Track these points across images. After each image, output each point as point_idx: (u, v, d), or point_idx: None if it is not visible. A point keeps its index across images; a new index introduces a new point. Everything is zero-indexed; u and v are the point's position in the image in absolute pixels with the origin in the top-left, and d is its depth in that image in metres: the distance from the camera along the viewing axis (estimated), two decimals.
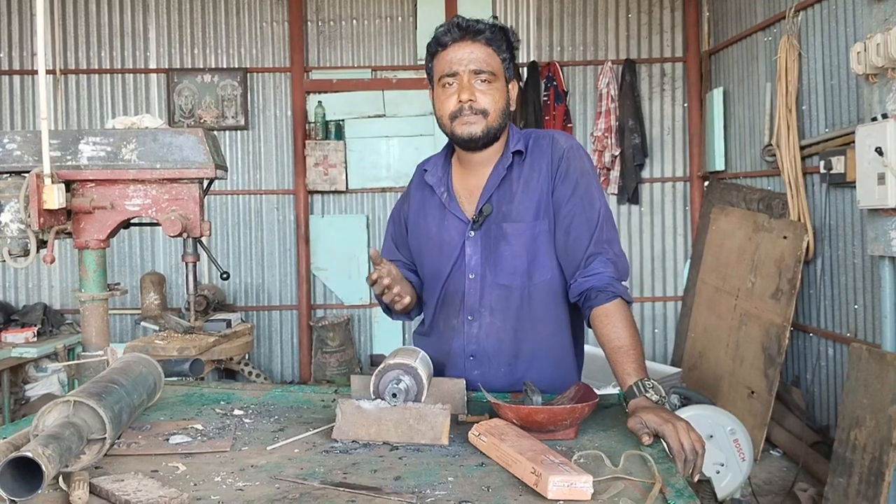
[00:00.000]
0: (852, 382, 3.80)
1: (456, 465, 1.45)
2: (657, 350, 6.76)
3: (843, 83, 4.42)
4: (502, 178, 1.97)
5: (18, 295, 6.61)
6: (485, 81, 1.90)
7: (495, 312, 1.97)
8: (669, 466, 1.44)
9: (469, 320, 1.99)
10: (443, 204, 2.03)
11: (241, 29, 6.70)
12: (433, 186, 2.06)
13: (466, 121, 1.90)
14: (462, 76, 1.89)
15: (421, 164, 2.17)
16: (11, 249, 2.24)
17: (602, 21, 6.73)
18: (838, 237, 4.56)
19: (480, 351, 1.99)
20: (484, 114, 1.90)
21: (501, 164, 1.98)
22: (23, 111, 6.59)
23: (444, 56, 1.92)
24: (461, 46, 1.90)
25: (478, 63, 1.89)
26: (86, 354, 2.36)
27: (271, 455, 1.52)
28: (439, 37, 1.93)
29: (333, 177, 6.57)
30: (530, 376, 1.91)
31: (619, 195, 6.66)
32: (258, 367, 6.35)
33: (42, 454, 1.15)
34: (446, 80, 1.91)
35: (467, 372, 1.98)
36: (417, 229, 2.10)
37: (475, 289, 1.98)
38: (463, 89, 1.89)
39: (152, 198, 2.35)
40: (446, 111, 1.92)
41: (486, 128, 1.91)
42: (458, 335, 2.00)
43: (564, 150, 1.97)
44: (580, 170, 1.96)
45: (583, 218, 1.92)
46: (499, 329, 1.97)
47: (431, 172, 2.08)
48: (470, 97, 1.88)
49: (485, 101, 1.90)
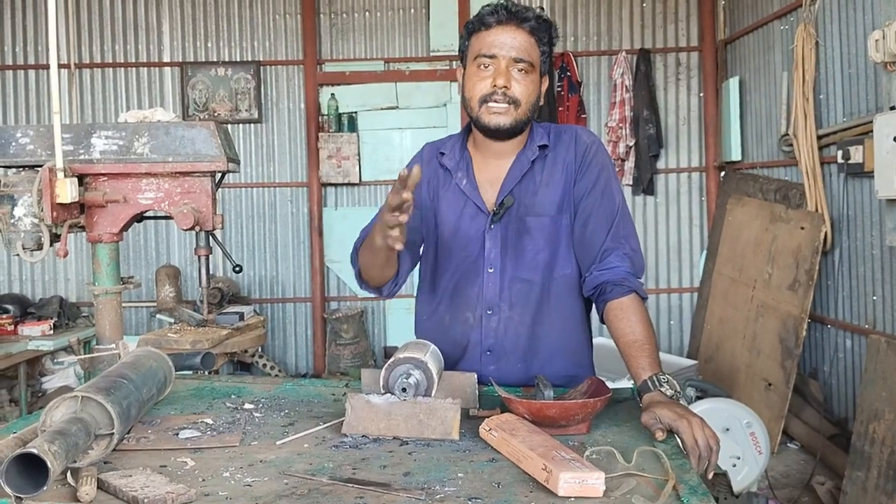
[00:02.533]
0: (870, 374, 3.76)
1: (466, 461, 1.44)
2: (673, 342, 6.72)
3: (861, 71, 4.36)
4: (525, 171, 1.93)
5: (35, 288, 6.66)
6: (522, 71, 1.85)
7: (515, 307, 1.94)
8: (683, 463, 1.42)
9: (488, 314, 1.95)
10: (462, 191, 1.97)
11: (254, 22, 6.69)
12: (451, 170, 2.00)
13: (495, 109, 1.85)
14: (500, 60, 1.84)
15: (433, 145, 2.11)
16: (25, 243, 2.25)
17: (616, 11, 6.67)
18: (856, 227, 4.50)
19: (498, 346, 1.95)
20: (515, 104, 1.85)
21: (525, 157, 1.94)
22: (38, 105, 6.63)
23: (486, 36, 1.86)
24: (505, 30, 1.85)
25: (519, 51, 1.84)
26: (99, 348, 2.36)
27: (280, 450, 1.51)
28: (484, 16, 1.87)
29: (347, 169, 6.57)
30: (547, 371, 1.88)
31: (634, 186, 6.61)
32: (273, 359, 6.37)
33: (48, 451, 1.14)
34: (483, 61, 1.86)
35: (483, 367, 1.94)
36: (427, 208, 2.01)
37: (494, 282, 1.94)
38: (499, 74, 1.83)
39: (165, 191, 2.35)
40: (477, 93, 1.87)
41: (515, 119, 1.86)
42: (475, 329, 1.96)
43: (587, 144, 1.95)
44: (601, 165, 1.94)
45: (601, 212, 1.90)
46: (517, 324, 1.95)
47: (449, 156, 2.02)
48: (505, 83, 1.83)
49: (519, 90, 1.85)
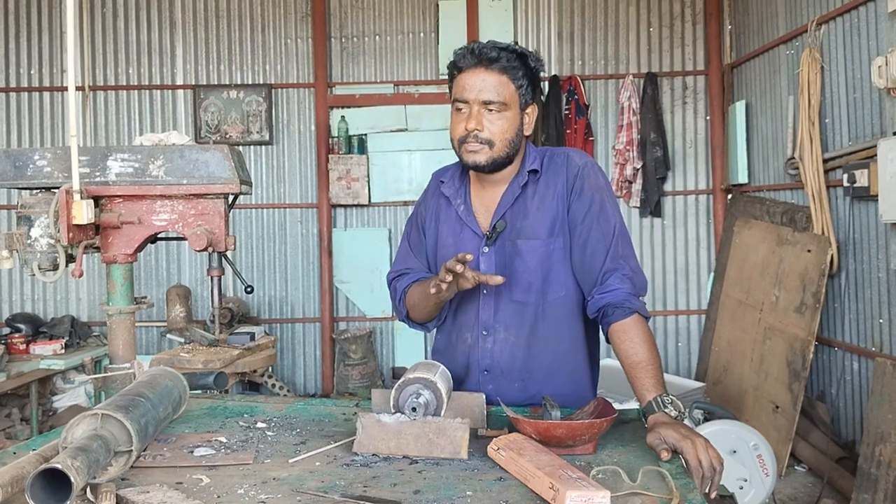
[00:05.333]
0: (877, 397, 3.76)
1: (475, 480, 1.47)
2: (681, 364, 6.72)
3: (867, 96, 4.40)
4: (517, 196, 2.00)
5: (47, 307, 6.71)
6: (493, 112, 1.91)
7: (510, 328, 2.00)
8: (687, 482, 1.45)
9: (483, 335, 2.01)
10: (459, 216, 2.05)
11: (265, 46, 6.78)
12: (450, 198, 2.09)
13: (471, 149, 1.93)
14: (472, 105, 1.91)
15: (437, 173, 2.20)
16: (41, 263, 2.29)
17: (623, 35, 6.74)
18: (862, 251, 4.52)
19: (494, 366, 2.01)
20: (489, 144, 1.91)
21: (516, 183, 2.00)
22: (52, 127, 6.72)
23: (459, 80, 1.94)
24: (474, 73, 1.91)
25: (488, 93, 1.90)
26: (113, 367, 2.40)
27: (293, 468, 1.54)
28: (456, 61, 1.95)
29: (356, 190, 6.63)
30: (545, 391, 1.93)
31: (641, 208, 6.65)
32: (281, 379, 6.39)
33: (71, 466, 1.18)
34: (458, 105, 1.94)
35: (482, 386, 2.01)
36: (433, 236, 2.13)
37: (489, 304, 2.01)
38: (470, 118, 1.91)
39: (179, 213, 2.39)
40: (456, 135, 1.96)
41: (491, 158, 1.93)
42: (473, 350, 2.03)
43: (579, 167, 1.99)
44: (595, 186, 1.98)
45: (598, 234, 1.94)
46: (513, 345, 2.00)
47: (448, 184, 2.11)
48: (476, 126, 1.90)
49: (492, 130, 1.91)
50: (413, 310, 2.11)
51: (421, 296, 2.03)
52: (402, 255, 2.20)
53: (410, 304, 2.10)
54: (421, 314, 2.09)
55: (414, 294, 2.08)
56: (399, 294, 2.13)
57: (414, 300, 2.08)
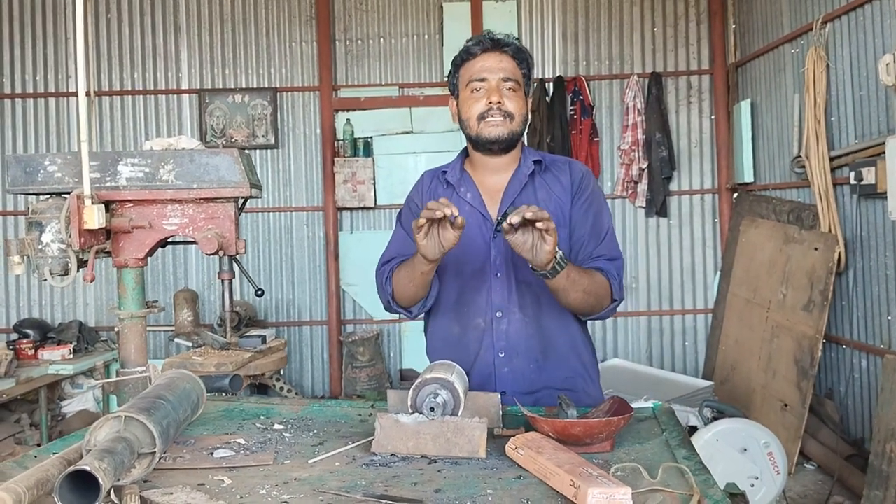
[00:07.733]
0: (886, 394, 3.76)
1: (494, 478, 1.47)
2: (688, 363, 6.72)
3: (873, 94, 4.40)
4: (524, 184, 2.10)
5: (54, 312, 6.73)
6: (510, 89, 2.06)
7: (524, 308, 2.07)
8: (707, 478, 1.45)
9: (498, 317, 2.07)
10: (468, 203, 2.11)
11: (270, 49, 6.80)
12: (454, 185, 2.15)
13: (493, 122, 2.04)
14: (491, 81, 2.05)
15: (432, 171, 2.25)
16: (52, 269, 2.30)
17: (627, 35, 6.74)
18: (870, 248, 4.52)
19: (510, 347, 2.06)
20: (510, 116, 2.05)
21: (522, 172, 2.12)
22: (58, 132, 6.73)
23: (474, 64, 2.07)
24: (491, 56, 2.06)
25: (506, 72, 2.06)
26: (125, 371, 2.41)
27: (313, 468, 1.55)
28: (470, 47, 2.09)
29: (362, 193, 6.63)
30: (558, 373, 2.04)
31: (647, 208, 6.65)
32: (290, 382, 6.40)
33: (98, 468, 1.19)
34: (475, 85, 2.06)
35: (497, 369, 2.06)
36: None
37: (503, 287, 2.07)
38: (493, 92, 2.04)
39: (189, 217, 2.39)
40: (474, 113, 2.06)
41: (511, 131, 2.05)
42: (487, 333, 2.07)
43: (583, 172, 2.17)
44: (596, 192, 2.16)
45: (594, 230, 2.10)
46: (528, 325, 2.07)
47: (451, 173, 2.18)
48: (499, 99, 2.03)
49: (511, 105, 2.05)
50: (398, 287, 2.09)
51: (407, 269, 2.03)
52: (397, 243, 2.19)
53: (396, 281, 2.09)
54: (406, 292, 2.07)
55: (401, 270, 2.07)
56: (386, 273, 2.13)
57: (400, 276, 2.07)
